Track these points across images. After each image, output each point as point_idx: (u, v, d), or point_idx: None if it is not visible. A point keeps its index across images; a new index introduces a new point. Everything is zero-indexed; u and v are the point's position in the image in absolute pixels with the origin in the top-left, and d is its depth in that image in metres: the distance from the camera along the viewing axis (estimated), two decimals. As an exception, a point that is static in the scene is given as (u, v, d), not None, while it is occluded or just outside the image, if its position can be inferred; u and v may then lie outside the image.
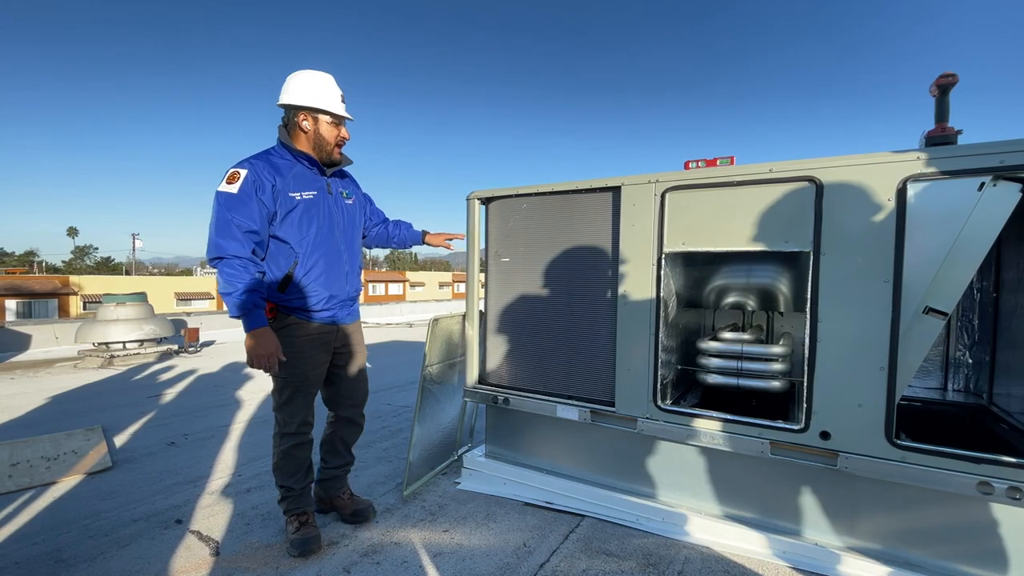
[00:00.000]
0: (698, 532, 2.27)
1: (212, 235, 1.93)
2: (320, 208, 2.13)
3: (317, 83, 2.09)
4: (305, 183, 2.10)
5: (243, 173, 1.96)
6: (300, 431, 2.19)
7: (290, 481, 2.19)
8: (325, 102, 2.08)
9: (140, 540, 2.29)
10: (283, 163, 2.07)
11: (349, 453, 2.46)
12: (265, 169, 2.01)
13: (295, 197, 2.05)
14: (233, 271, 1.88)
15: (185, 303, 33.92)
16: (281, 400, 2.17)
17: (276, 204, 2.02)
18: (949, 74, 1.89)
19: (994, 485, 1.72)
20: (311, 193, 2.10)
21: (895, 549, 1.98)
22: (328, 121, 2.12)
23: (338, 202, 2.24)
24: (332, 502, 2.45)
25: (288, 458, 2.19)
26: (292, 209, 2.05)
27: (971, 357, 2.77)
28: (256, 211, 1.95)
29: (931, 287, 1.82)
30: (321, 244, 2.13)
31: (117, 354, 7.51)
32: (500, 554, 2.16)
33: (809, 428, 2.01)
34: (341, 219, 2.24)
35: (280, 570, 2.05)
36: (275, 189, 2.01)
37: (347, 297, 2.27)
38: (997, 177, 1.71)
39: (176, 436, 3.83)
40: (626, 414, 2.40)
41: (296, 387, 2.16)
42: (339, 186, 2.27)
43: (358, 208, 2.39)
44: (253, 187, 1.96)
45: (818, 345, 1.99)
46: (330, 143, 2.14)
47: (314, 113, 2.09)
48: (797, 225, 2.02)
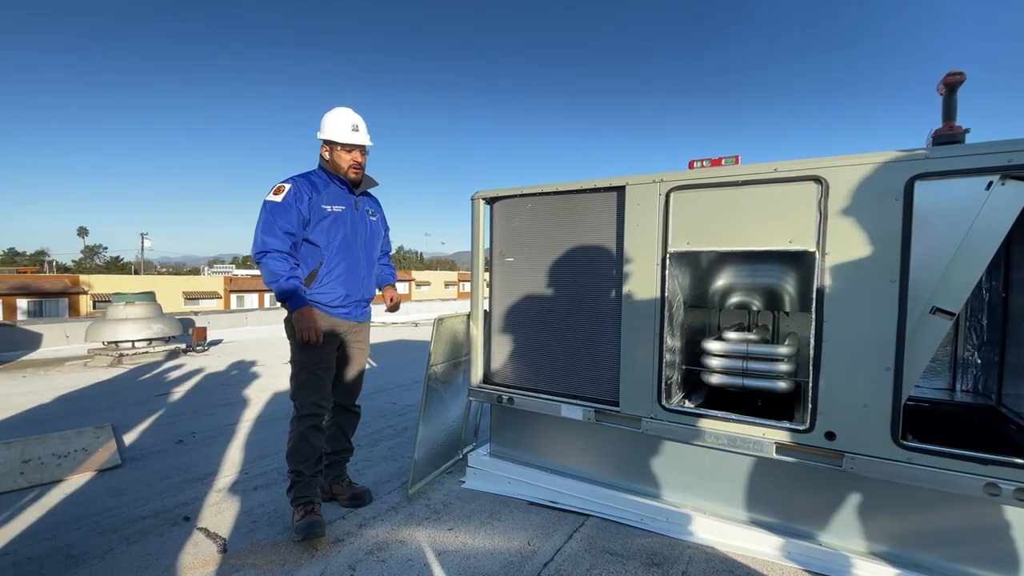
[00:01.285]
0: (702, 532, 2.27)
1: (258, 234, 2.29)
2: (346, 220, 2.47)
3: (330, 118, 2.45)
4: (336, 199, 2.46)
5: (287, 187, 2.35)
6: (315, 412, 2.38)
7: (302, 466, 2.33)
8: (334, 134, 2.42)
9: (149, 537, 2.32)
10: (320, 182, 2.46)
11: (348, 440, 2.67)
12: (305, 185, 2.38)
13: (327, 209, 2.41)
14: (277, 262, 2.25)
15: (193, 302, 34.17)
16: (298, 383, 2.40)
17: (311, 213, 2.37)
18: (957, 72, 1.87)
19: (1002, 486, 1.71)
20: (340, 207, 2.45)
21: (902, 551, 1.97)
22: (339, 149, 2.44)
23: (363, 218, 2.56)
24: (331, 489, 2.63)
25: (302, 442, 2.34)
26: (323, 218, 2.40)
27: (980, 357, 2.75)
28: (295, 217, 2.32)
29: (938, 287, 1.81)
30: (344, 250, 2.45)
31: (126, 353, 7.59)
32: (504, 553, 2.17)
33: (814, 428, 2.00)
34: (364, 232, 2.55)
35: (286, 568, 2.07)
36: (311, 201, 2.37)
37: (362, 298, 2.56)
38: (1005, 176, 1.70)
39: (184, 434, 3.86)
40: (630, 414, 2.40)
41: (311, 369, 2.38)
42: (366, 205, 2.61)
43: (380, 226, 2.71)
44: (294, 198, 2.33)
45: (824, 345, 1.98)
46: (343, 167, 2.46)
47: (330, 144, 2.45)
48: (802, 225, 2.01)
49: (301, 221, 2.35)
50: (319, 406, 2.41)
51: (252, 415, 4.44)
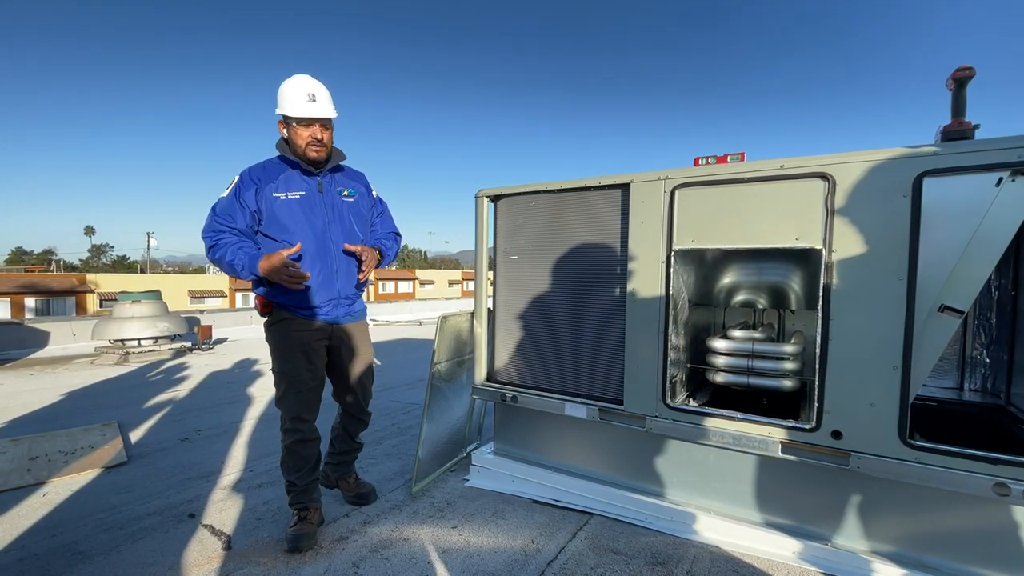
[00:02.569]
0: (707, 531, 2.26)
1: (203, 234, 2.15)
2: (308, 207, 2.20)
3: (284, 90, 2.15)
4: (292, 184, 2.19)
5: (235, 180, 2.17)
6: (296, 427, 2.23)
7: (293, 476, 2.25)
8: (287, 108, 2.13)
9: (154, 534, 2.33)
10: (274, 168, 2.21)
11: (355, 441, 2.56)
12: (255, 174, 2.17)
13: (279, 197, 2.15)
14: (220, 246, 2.08)
15: (198, 301, 34.36)
16: (278, 394, 2.27)
17: (259, 203, 2.14)
18: (966, 67, 1.85)
19: (1011, 486, 1.68)
20: (297, 193, 2.18)
21: (909, 551, 1.95)
22: (295, 125, 2.16)
23: (331, 200, 2.26)
24: (338, 483, 2.60)
25: (290, 454, 2.25)
26: (276, 209, 2.15)
27: (988, 356, 2.72)
28: (237, 211, 2.13)
29: (947, 285, 1.79)
30: (310, 240, 2.18)
31: (132, 351, 7.63)
32: (508, 551, 2.17)
33: (821, 427, 1.99)
34: (334, 216, 2.26)
35: (290, 565, 2.07)
36: (258, 191, 2.14)
37: (339, 295, 2.28)
38: (1016, 172, 1.67)
39: (189, 432, 3.88)
40: (635, 412, 2.39)
41: (291, 380, 2.22)
42: (335, 184, 2.30)
43: (360, 205, 2.37)
44: (237, 191, 2.14)
45: (830, 344, 1.97)
46: (300, 145, 2.17)
47: (286, 120, 2.17)
48: (809, 222, 1.99)
49: (247, 215, 2.13)
50: (301, 420, 2.23)
51: (256, 413, 4.46)
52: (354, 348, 2.40)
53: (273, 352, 2.25)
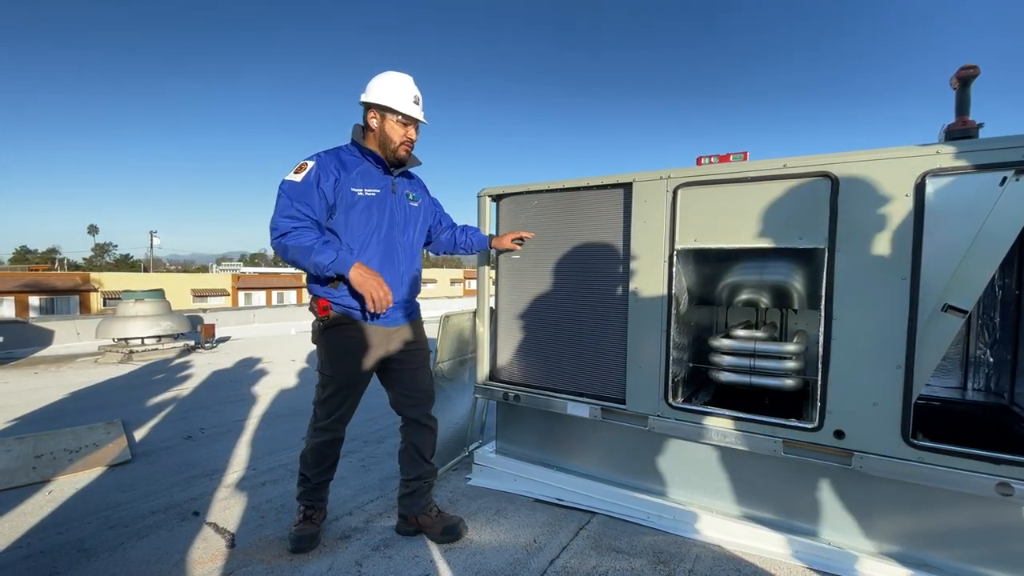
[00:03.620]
0: (709, 530, 2.26)
1: (274, 219, 1.98)
2: (381, 206, 2.12)
3: (390, 82, 2.10)
4: (369, 180, 2.10)
5: (310, 164, 2.01)
6: (333, 427, 2.19)
7: (311, 471, 2.22)
8: (393, 101, 2.08)
9: (158, 531, 2.34)
10: (351, 159, 2.10)
11: (426, 461, 2.30)
12: (332, 163, 2.05)
13: (357, 192, 2.06)
14: (299, 236, 1.93)
15: (201, 300, 34.46)
16: (322, 396, 2.17)
17: (336, 196, 2.03)
18: (970, 66, 1.84)
19: (1014, 486, 1.68)
20: (374, 191, 2.10)
21: (913, 551, 1.95)
22: (395, 120, 2.10)
23: (401, 203, 2.21)
24: (418, 521, 2.27)
25: (316, 451, 2.20)
26: (353, 205, 2.06)
27: (992, 356, 2.71)
28: (316, 200, 1.99)
29: (950, 284, 1.79)
30: (379, 243, 2.11)
31: (136, 350, 7.66)
32: (511, 550, 2.17)
33: (823, 427, 1.99)
34: (402, 220, 2.20)
35: (294, 563, 2.08)
36: (338, 182, 2.03)
37: (402, 299, 2.21)
38: (1020, 172, 1.67)
39: (193, 430, 3.90)
40: (637, 412, 2.39)
41: (339, 387, 2.14)
42: (405, 187, 2.25)
43: (423, 212, 2.34)
44: (316, 178, 2.00)
45: (833, 343, 1.96)
46: (395, 142, 2.12)
47: (382, 111, 2.10)
48: (812, 221, 1.99)
49: (324, 206, 2.01)
50: (339, 422, 2.19)
51: (260, 411, 4.48)
52: (412, 348, 2.27)
53: (326, 355, 2.15)
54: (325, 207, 2.02)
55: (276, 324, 13.99)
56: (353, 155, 2.13)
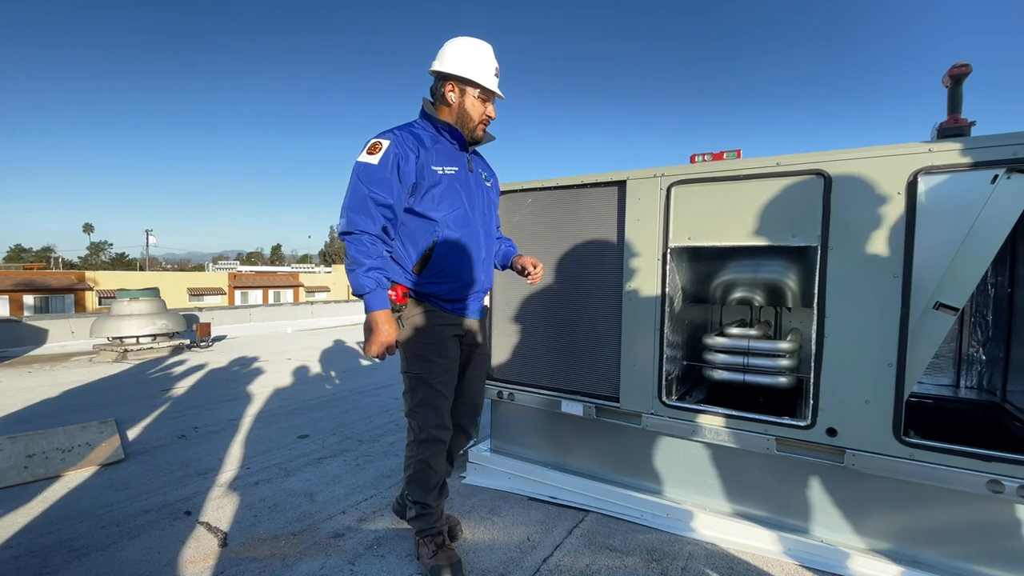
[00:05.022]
0: (703, 528, 2.26)
1: (345, 207, 1.80)
2: (462, 185, 1.93)
3: (472, 52, 1.89)
4: (448, 157, 1.91)
5: (385, 144, 1.80)
6: (438, 437, 1.96)
7: (427, 497, 1.97)
8: (476, 73, 1.88)
9: (151, 531, 2.33)
10: (426, 135, 1.90)
11: (449, 463, 2.17)
12: (409, 140, 1.84)
13: (438, 171, 1.86)
14: (361, 247, 1.75)
15: (197, 298, 34.36)
16: (415, 401, 1.95)
17: (418, 176, 1.83)
18: (962, 64, 1.85)
19: (1005, 483, 1.69)
20: (453, 168, 1.90)
21: (905, 548, 1.95)
22: (476, 95, 1.92)
23: (478, 182, 2.02)
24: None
25: (425, 470, 1.95)
26: (436, 184, 1.85)
27: (985, 353, 2.72)
28: (395, 185, 1.79)
29: (942, 282, 1.79)
30: (463, 224, 1.92)
31: (131, 348, 7.63)
32: (504, 548, 2.17)
33: (816, 425, 1.99)
34: (479, 201, 2.01)
35: (287, 561, 2.08)
36: (418, 160, 1.83)
37: (482, 288, 2.05)
38: (1011, 170, 1.67)
39: (187, 429, 3.88)
40: (631, 410, 2.39)
41: (431, 383, 1.93)
42: (479, 165, 2.07)
43: (495, 193, 2.16)
44: (395, 159, 1.79)
45: (825, 341, 1.97)
46: (474, 119, 1.94)
47: (462, 84, 1.90)
48: (805, 219, 1.99)
49: (402, 190, 1.81)
50: (443, 429, 1.96)
51: (255, 411, 4.46)
52: (480, 346, 2.11)
53: (410, 350, 1.93)
54: (403, 191, 1.82)
55: (273, 323, 13.96)
56: (427, 130, 1.93)
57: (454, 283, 1.92)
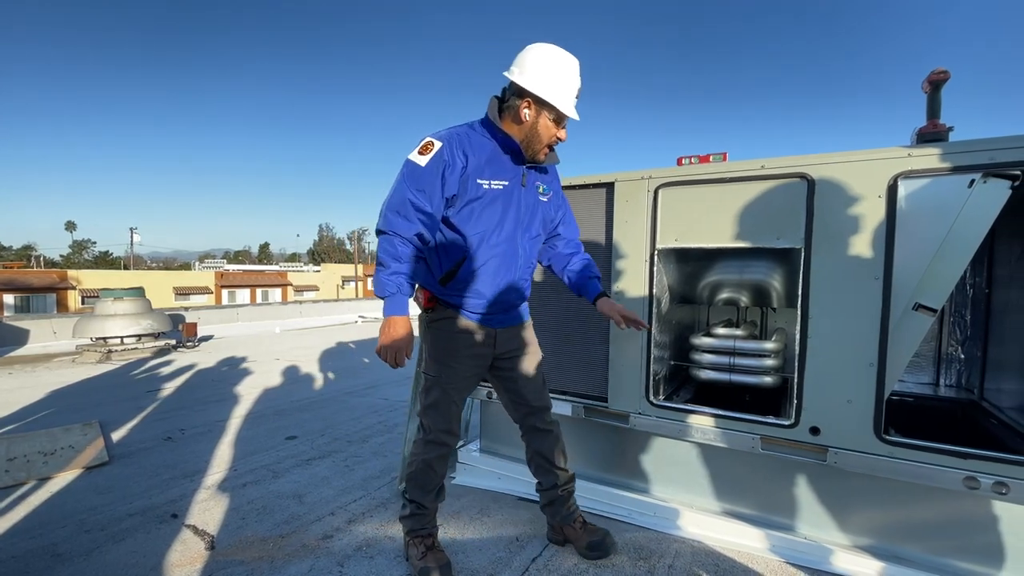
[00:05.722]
0: (690, 526, 2.29)
1: (385, 206, 1.77)
2: (507, 201, 1.85)
3: (557, 70, 1.76)
4: (499, 170, 1.82)
5: (436, 147, 1.74)
6: (444, 441, 1.96)
7: (424, 498, 1.98)
8: (558, 97, 1.76)
9: (136, 534, 2.31)
10: (482, 143, 1.81)
11: (558, 468, 2.09)
12: (462, 146, 1.77)
13: (483, 185, 1.79)
14: (391, 248, 1.73)
15: (183, 298, 33.91)
16: (428, 401, 1.95)
17: (460, 187, 1.78)
18: (941, 70, 1.89)
19: (980, 480, 1.73)
20: (501, 183, 1.82)
21: (886, 544, 2.00)
22: (551, 117, 1.80)
23: (529, 196, 1.93)
24: (563, 531, 2.15)
25: (427, 471, 1.96)
26: (477, 198, 1.79)
27: (963, 353, 2.78)
28: (437, 191, 1.74)
29: (921, 284, 1.83)
30: (498, 243, 1.86)
31: (115, 349, 7.52)
32: (493, 548, 2.18)
33: (799, 423, 2.02)
34: (527, 215, 1.93)
35: (275, 564, 2.07)
36: (465, 171, 1.77)
37: (511, 304, 1.97)
38: (988, 174, 1.71)
39: (173, 431, 3.84)
40: (619, 410, 2.41)
41: (446, 388, 1.93)
42: (536, 178, 1.95)
43: (551, 207, 2.06)
44: (441, 164, 1.74)
45: (809, 341, 2.00)
46: (543, 141, 1.83)
47: (540, 105, 1.78)
48: (789, 222, 2.02)
49: (443, 196, 1.76)
50: (451, 434, 1.97)
51: (242, 411, 4.42)
52: (523, 348, 2.05)
53: (431, 352, 1.95)
54: (443, 199, 1.77)
55: (260, 323, 13.84)
56: (484, 137, 1.83)
57: (479, 299, 1.88)
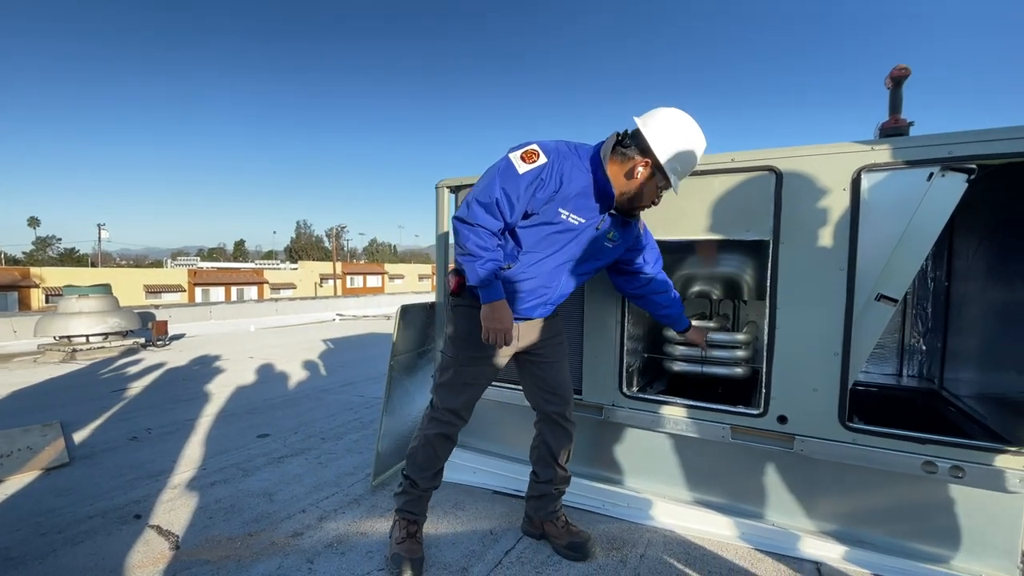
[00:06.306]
0: (662, 516, 2.31)
1: (475, 197, 1.74)
2: (574, 237, 1.85)
3: (688, 146, 1.75)
4: (583, 207, 1.80)
5: (540, 160, 1.73)
6: (449, 420, 1.99)
7: (419, 475, 2.01)
8: (677, 170, 1.77)
9: (95, 536, 2.22)
10: (581, 173, 1.78)
11: (560, 467, 2.14)
12: (562, 170, 1.75)
13: (562, 215, 1.79)
14: (479, 240, 1.73)
15: (155, 296, 32.96)
16: (442, 379, 2.01)
17: (540, 208, 1.78)
18: (902, 67, 1.94)
19: (938, 464, 1.79)
20: (579, 220, 1.81)
21: (850, 528, 2.04)
22: (660, 184, 1.81)
23: (598, 240, 1.91)
24: (543, 527, 2.17)
25: (428, 446, 1.99)
26: (549, 223, 1.80)
27: (925, 344, 2.87)
28: (523, 202, 1.75)
29: (883, 274, 1.88)
30: (545, 269, 1.87)
31: (80, 348, 7.26)
32: (467, 542, 2.17)
33: (768, 413, 2.06)
34: (589, 256, 1.93)
35: (242, 563, 2.02)
36: (554, 196, 1.76)
37: (540, 310, 1.98)
38: (946, 168, 1.76)
39: (139, 431, 3.72)
40: (593, 402, 2.42)
41: (459, 371, 1.96)
42: (612, 226, 1.92)
43: (615, 252, 2.03)
44: (537, 181, 1.73)
45: (777, 332, 2.04)
46: (643, 202, 1.85)
47: (655, 167, 1.76)
48: (758, 214, 2.05)
49: (523, 210, 1.77)
50: (457, 416, 2.00)
51: (214, 410, 4.32)
52: (551, 344, 2.08)
53: (452, 334, 1.99)
54: (525, 210, 1.78)
55: (235, 321, 13.54)
56: (585, 168, 1.79)
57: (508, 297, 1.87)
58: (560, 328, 2.13)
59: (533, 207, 1.77)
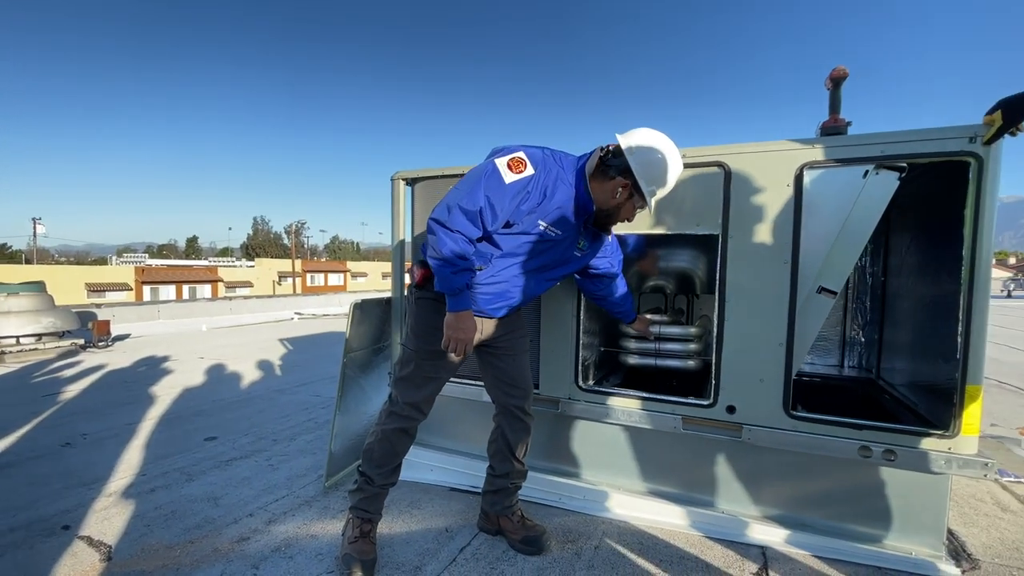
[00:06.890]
0: (617, 508, 2.34)
1: (456, 202, 1.70)
2: (549, 247, 1.88)
3: (664, 168, 1.77)
4: (562, 221, 1.81)
5: (526, 172, 1.71)
6: (408, 414, 1.97)
7: (375, 471, 1.98)
8: (655, 193, 1.81)
9: (15, 551, 2.06)
10: (565, 187, 1.79)
11: (517, 461, 2.13)
12: (547, 183, 1.75)
13: (540, 226, 1.79)
14: (456, 246, 1.69)
15: (98, 295, 31.07)
16: (402, 373, 1.98)
17: (519, 219, 1.77)
18: (841, 68, 2.02)
19: (872, 448, 1.88)
20: (556, 232, 1.83)
21: (793, 513, 2.13)
22: (639, 204, 1.85)
23: (571, 248, 1.95)
24: (499, 522, 2.15)
25: (385, 441, 1.97)
26: (526, 233, 1.81)
27: (864, 336, 3.02)
28: (506, 212, 1.73)
29: (823, 268, 1.96)
30: (515, 275, 1.89)
31: (9, 350, 6.75)
32: (421, 540, 2.13)
33: (717, 403, 2.11)
34: (554, 262, 1.95)
35: (181, 571, 1.91)
36: (536, 208, 1.76)
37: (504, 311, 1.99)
38: (879, 166, 1.85)
39: (73, 436, 3.49)
40: (549, 396, 2.43)
41: (420, 364, 1.94)
42: (585, 236, 1.98)
43: (584, 261, 2.07)
44: (522, 193, 1.72)
45: (725, 324, 2.09)
46: (619, 220, 1.90)
47: (633, 184, 1.78)
48: (708, 209, 2.10)
49: (504, 220, 1.76)
50: (418, 410, 1.98)
51: (157, 413, 4.09)
52: (512, 337, 2.08)
53: (413, 327, 1.96)
54: (506, 219, 1.77)
55: (185, 320, 12.94)
56: (569, 182, 1.79)
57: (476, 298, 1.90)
58: (522, 322, 2.14)
59: (515, 217, 1.77)
